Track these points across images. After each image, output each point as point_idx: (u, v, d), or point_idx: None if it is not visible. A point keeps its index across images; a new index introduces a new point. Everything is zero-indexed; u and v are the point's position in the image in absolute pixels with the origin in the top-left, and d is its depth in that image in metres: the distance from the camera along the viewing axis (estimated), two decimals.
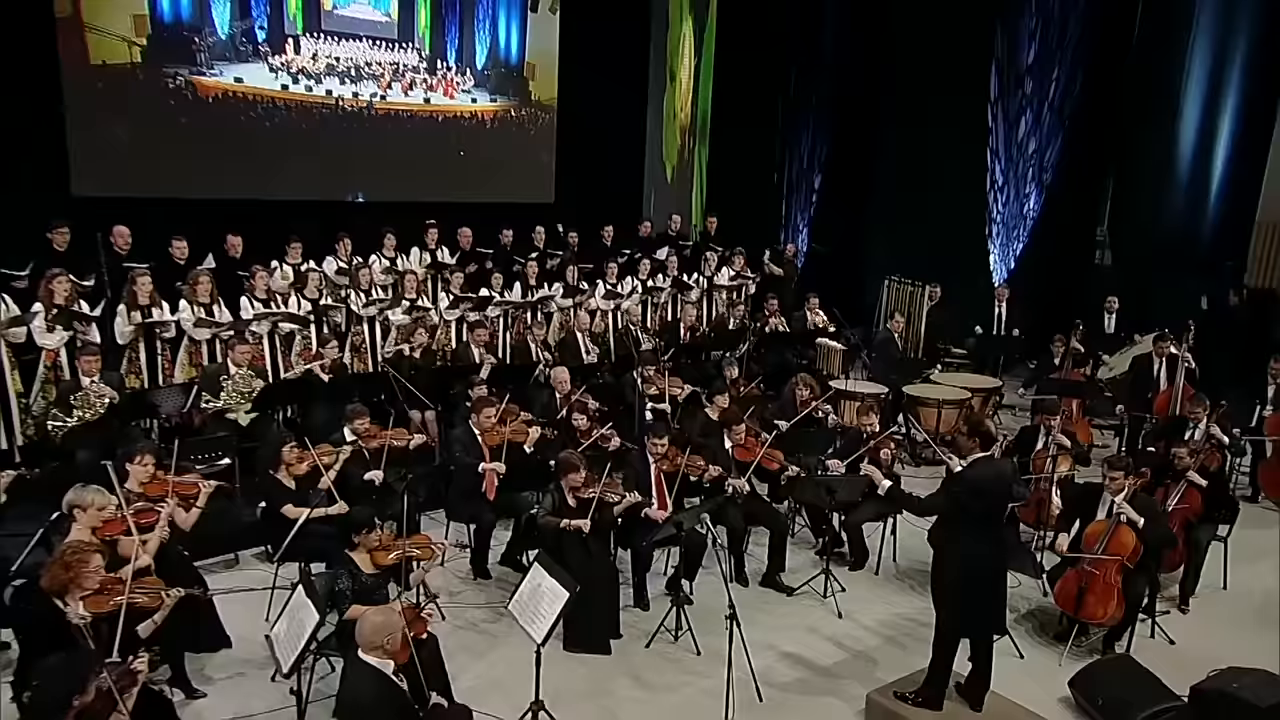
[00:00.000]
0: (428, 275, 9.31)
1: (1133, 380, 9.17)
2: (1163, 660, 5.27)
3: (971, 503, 4.42)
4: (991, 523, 4.55)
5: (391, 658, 3.89)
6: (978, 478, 4.44)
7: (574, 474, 5.51)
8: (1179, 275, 11.44)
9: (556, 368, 7.85)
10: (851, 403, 8.72)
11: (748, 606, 5.93)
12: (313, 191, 10.25)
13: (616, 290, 9.94)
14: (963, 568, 4.54)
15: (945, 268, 12.08)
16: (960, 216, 12.94)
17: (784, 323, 10.34)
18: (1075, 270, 12.90)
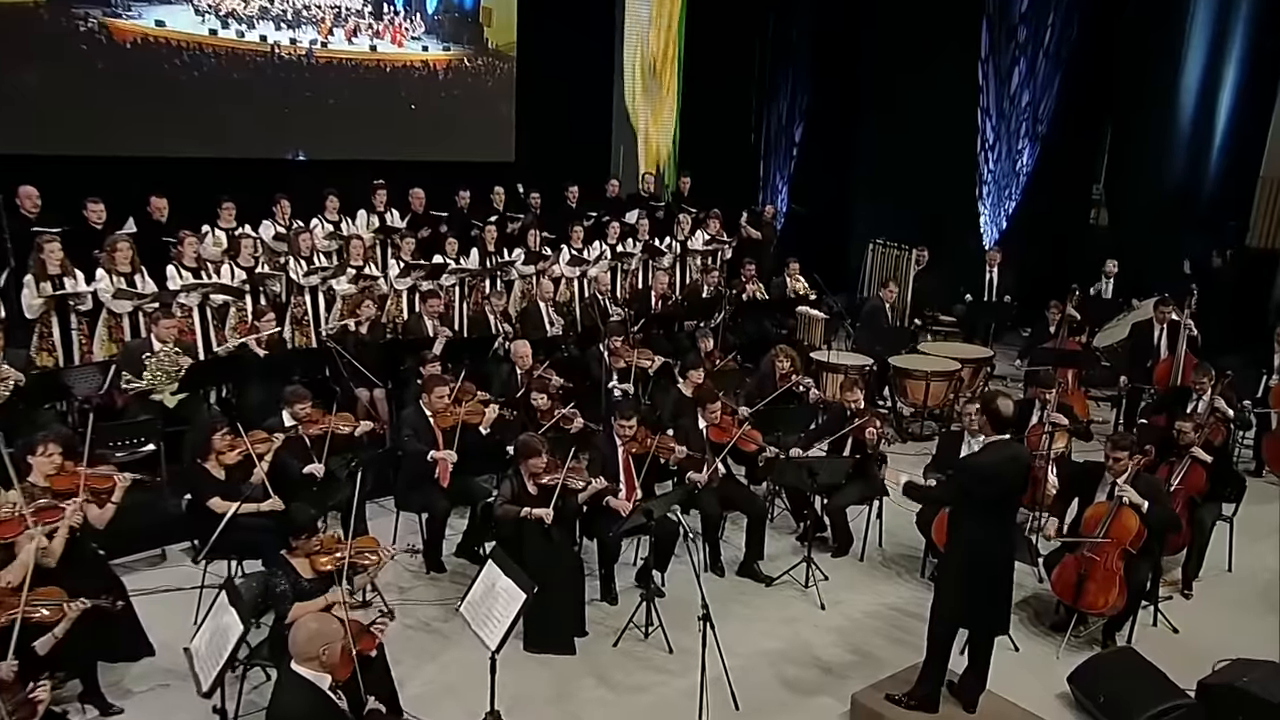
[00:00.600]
0: (375, 241, 8.99)
1: (1132, 348, 9.08)
2: (1166, 651, 5.19)
3: (979, 488, 4.26)
4: (1001, 511, 4.40)
5: (329, 671, 3.66)
6: (987, 463, 4.28)
7: (535, 459, 5.28)
8: (1179, 235, 11.35)
9: (517, 341, 7.60)
10: (834, 375, 8.56)
11: (723, 599, 5.81)
12: (247, 149, 9.83)
13: (582, 256, 9.67)
14: (966, 555, 4.40)
15: (933, 230, 11.94)
16: (949, 174, 12.78)
17: (762, 290, 10.14)
18: (1070, 231, 12.81)
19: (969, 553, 4.39)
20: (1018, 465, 4.37)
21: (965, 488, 4.32)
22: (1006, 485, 4.34)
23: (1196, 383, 7.26)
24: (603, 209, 10.61)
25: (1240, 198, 11.85)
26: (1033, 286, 10.87)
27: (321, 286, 8.05)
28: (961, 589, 4.43)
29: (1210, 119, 11.80)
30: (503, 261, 9.20)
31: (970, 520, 4.39)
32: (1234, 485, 6.22)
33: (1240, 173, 11.77)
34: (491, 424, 6.30)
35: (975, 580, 4.40)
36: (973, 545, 4.38)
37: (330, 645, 3.60)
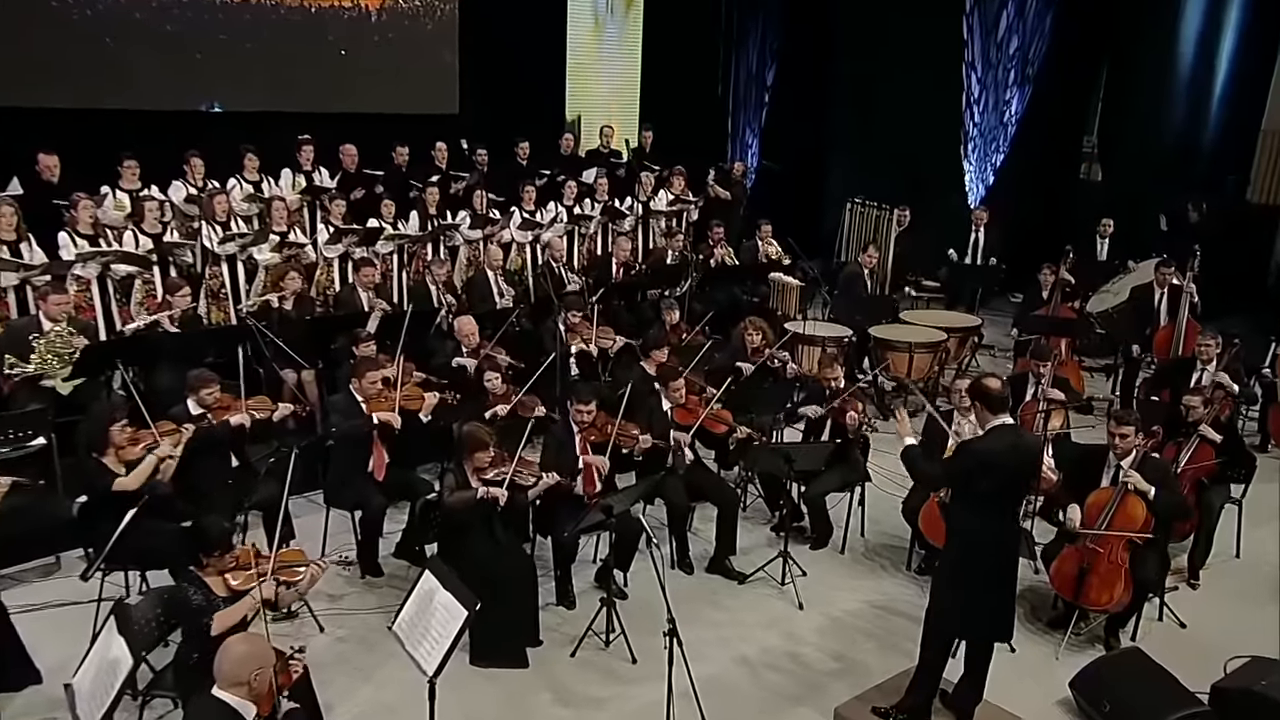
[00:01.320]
0: (301, 203, 8.58)
1: (1133, 313, 8.95)
2: (1174, 649, 5.07)
3: (978, 478, 4.05)
4: (1003, 504, 4.20)
5: (255, 701, 3.38)
6: (988, 450, 4.07)
7: (480, 453, 4.98)
8: (1176, 191, 11.24)
9: (462, 316, 7.27)
10: (810, 348, 8.35)
11: (692, 599, 5.60)
12: (153, 99, 9.34)
13: (535, 219, 9.32)
14: (965, 554, 4.21)
15: (914, 187, 11.75)
16: (931, 127, 12.56)
17: (731, 255, 9.87)
18: (1060, 187, 12.68)
19: (968, 551, 4.19)
20: (1023, 454, 4.16)
21: (965, 476, 4.10)
22: (1011, 476, 4.13)
23: (1201, 347, 7.12)
24: (556, 167, 10.24)
25: (1241, 151, 11.80)
26: (1021, 247, 10.72)
27: (240, 256, 7.65)
28: (959, 592, 4.24)
29: (1210, 67, 11.68)
30: (445, 225, 8.82)
31: (969, 514, 4.19)
32: (1244, 465, 6.09)
33: (1241, 125, 11.70)
34: (433, 410, 5.98)
35: (974, 582, 4.20)
36: (972, 543, 4.18)
37: (263, 670, 3.39)
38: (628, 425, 5.74)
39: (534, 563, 5.38)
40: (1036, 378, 6.84)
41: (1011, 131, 12.70)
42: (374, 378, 5.86)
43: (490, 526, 5.10)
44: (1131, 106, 12.21)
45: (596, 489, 5.60)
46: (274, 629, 4.38)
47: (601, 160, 10.63)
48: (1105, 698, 4.54)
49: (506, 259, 8.99)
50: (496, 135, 10.24)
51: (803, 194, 12.77)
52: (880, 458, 6.26)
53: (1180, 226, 10.66)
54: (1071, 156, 12.95)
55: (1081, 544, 5.21)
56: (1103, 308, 9.74)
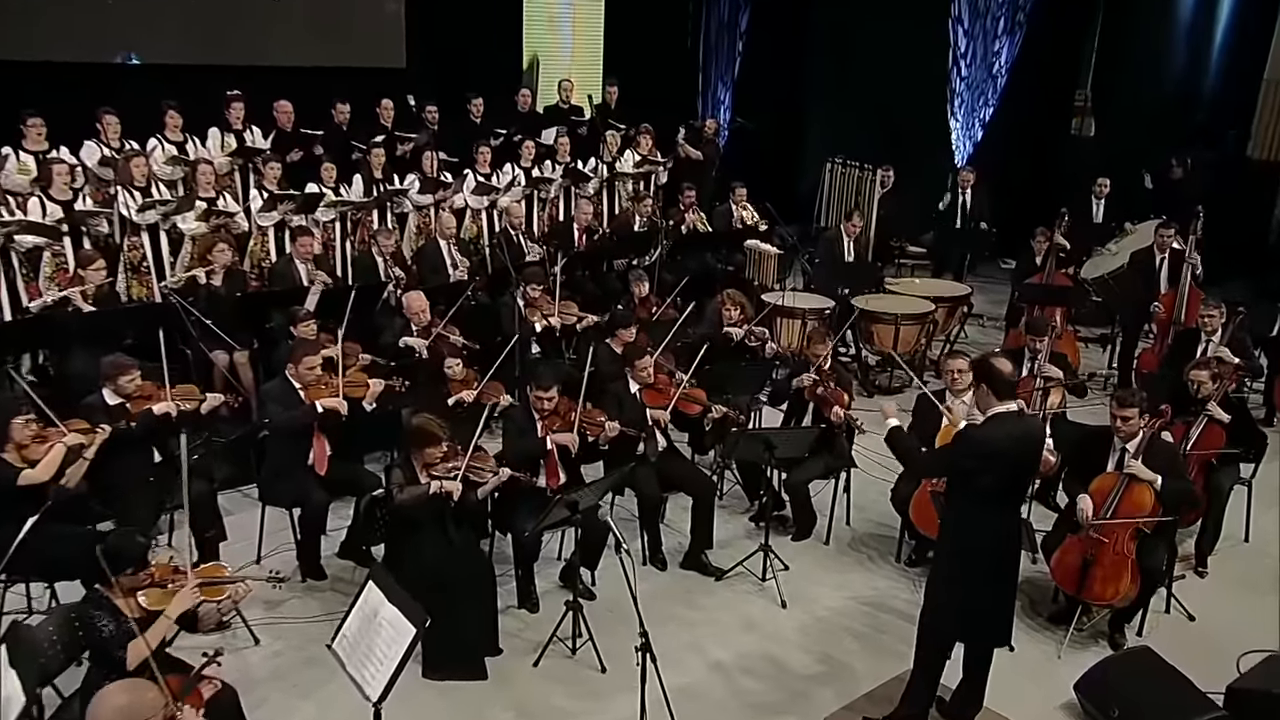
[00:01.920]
0: (232, 166, 8.24)
1: (1134, 279, 8.83)
2: (1183, 645, 4.98)
3: (978, 471, 3.87)
4: (1005, 498, 4.05)
5: None
6: (989, 439, 3.89)
7: (431, 447, 4.73)
8: (1174, 147, 11.13)
9: (411, 291, 6.98)
10: (790, 321, 8.16)
11: (666, 598, 5.44)
12: (60, 50, 8.89)
13: (490, 183, 9.02)
14: (963, 552, 4.06)
15: (897, 145, 11.57)
16: (915, 81, 12.39)
17: (704, 220, 9.64)
18: (1050, 143, 12.54)
19: (965, 548, 4.04)
20: (1027, 444, 3.99)
21: (961, 466, 3.92)
22: (1013, 468, 3.97)
23: (1205, 317, 7.01)
24: (513, 126, 9.94)
25: (1242, 103, 11.72)
26: (1010, 209, 10.59)
27: (163, 225, 7.35)
28: (956, 595, 4.09)
29: (1211, 13, 11.60)
30: (392, 190, 8.52)
31: (968, 509, 4.03)
32: (1254, 444, 5.99)
33: (1242, 74, 11.61)
34: (378, 397, 5.73)
35: (972, 581, 4.05)
36: (969, 539, 4.02)
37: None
38: (593, 412, 5.52)
39: (491, 563, 5.17)
40: (1033, 353, 6.70)
41: (1001, 84, 12.54)
42: (312, 362, 5.60)
43: (443, 525, 4.86)
44: (1127, 56, 12.09)
45: (560, 480, 5.39)
46: (201, 641, 4.16)
47: (562, 118, 10.33)
48: (1113, 702, 4.41)
49: (460, 227, 8.73)
50: (447, 91, 9.91)
51: (779, 153, 12.54)
52: (866, 439, 6.07)
53: (1164, 185, 10.58)
54: (1063, 110, 12.81)
55: (1085, 533, 5.07)
56: (1098, 273, 9.63)
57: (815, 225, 10.79)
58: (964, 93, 12.70)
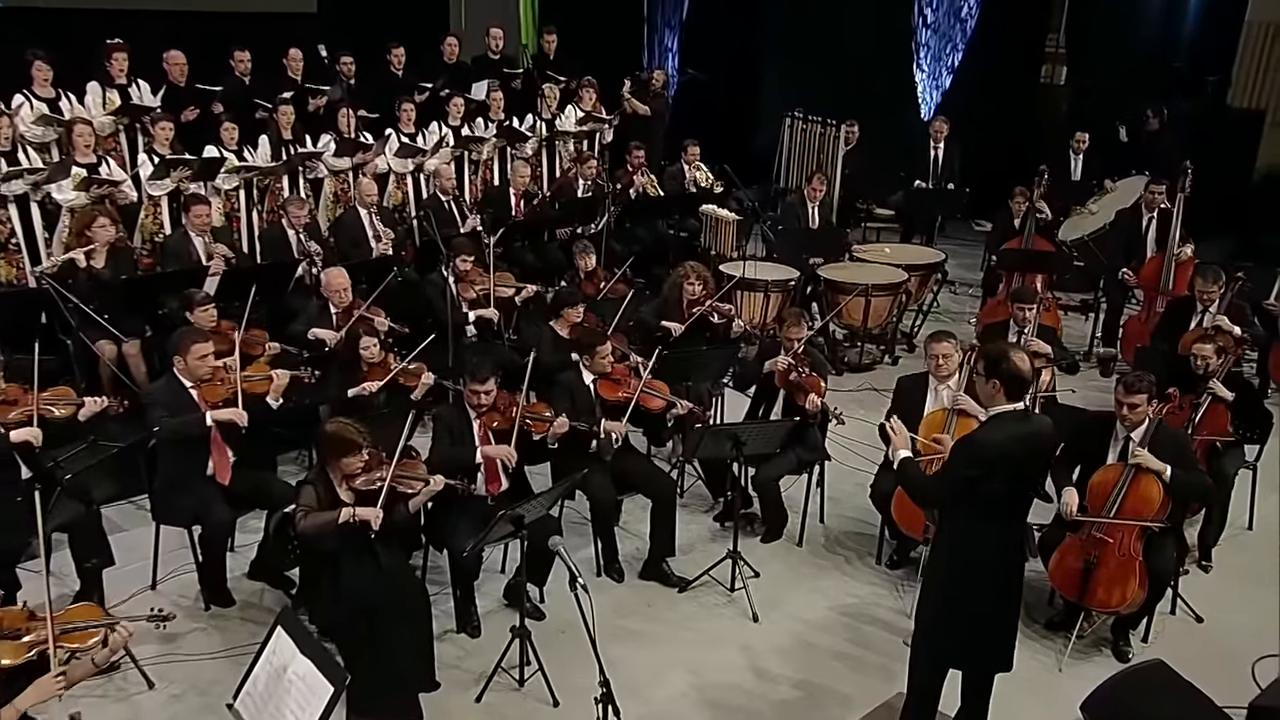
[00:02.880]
0: (115, 126, 7.63)
1: (1117, 241, 8.64)
2: (1193, 651, 4.80)
3: (980, 479, 3.57)
4: (1011, 508, 3.77)
5: None
6: (992, 444, 3.60)
7: (350, 457, 4.32)
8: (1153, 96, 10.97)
9: (330, 268, 6.51)
10: (751, 294, 7.84)
11: (624, 614, 5.15)
12: None
13: (415, 143, 8.53)
14: (957, 565, 3.78)
15: (860, 98, 11.26)
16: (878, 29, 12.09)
17: (654, 182, 9.25)
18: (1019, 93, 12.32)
19: (963, 564, 3.75)
20: (1035, 446, 3.70)
21: (965, 476, 3.61)
22: (1019, 473, 3.68)
23: (1203, 294, 6.81)
24: (440, 79, 9.41)
25: (1222, 48, 11.58)
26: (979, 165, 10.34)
27: (34, 196, 6.78)
28: (954, 617, 3.81)
29: None
30: (304, 154, 7.99)
31: (968, 520, 3.73)
32: (1261, 424, 5.79)
33: (1223, 17, 11.47)
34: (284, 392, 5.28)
35: (971, 602, 3.77)
36: (969, 554, 3.74)
37: None
38: (538, 405, 5.14)
39: (424, 585, 4.78)
40: (1020, 324, 6.45)
41: (970, 29, 12.28)
42: (203, 352, 5.08)
43: (367, 544, 4.46)
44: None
45: (502, 486, 5.01)
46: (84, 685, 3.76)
47: (494, 70, 9.81)
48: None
49: (382, 194, 8.24)
50: (363, 39, 9.34)
51: (732, 107, 12.13)
52: (839, 425, 5.76)
53: (1141, 137, 10.42)
54: (1033, 57, 12.60)
55: (1086, 533, 4.83)
56: (1077, 234, 9.43)
57: (774, 186, 10.45)
58: (930, 40, 12.42)
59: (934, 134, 10.19)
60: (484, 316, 6.91)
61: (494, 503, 4.92)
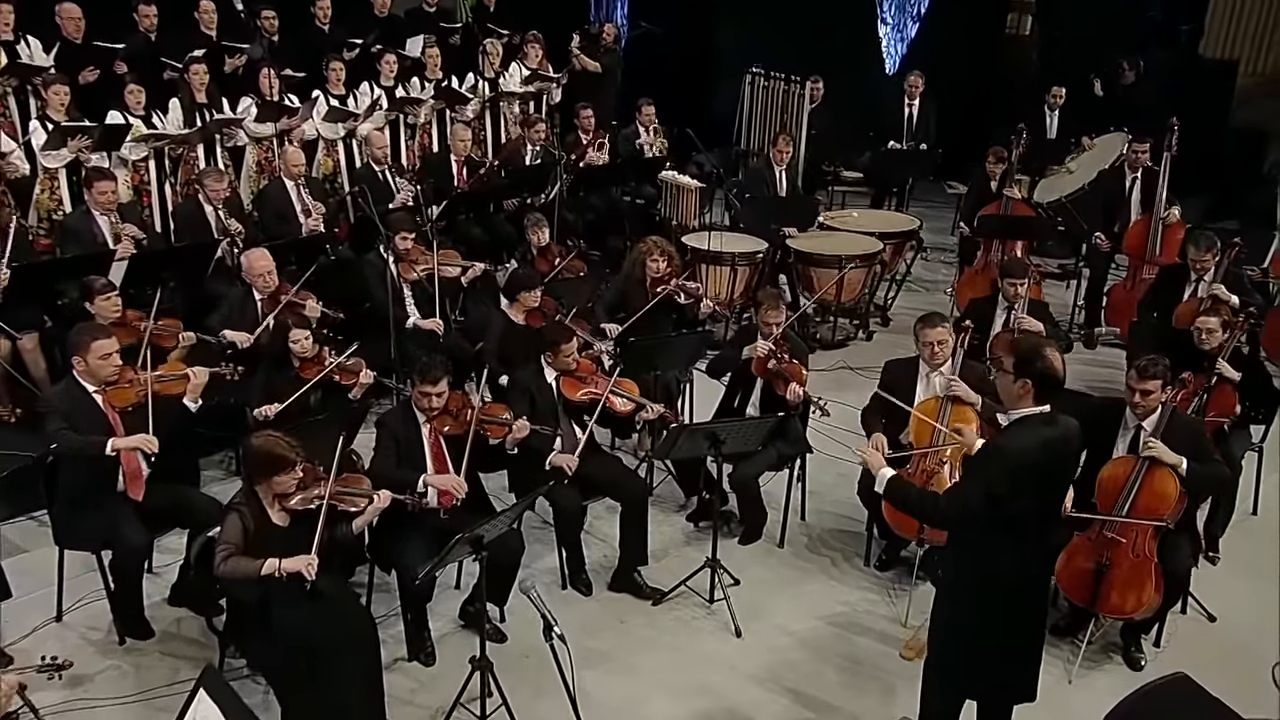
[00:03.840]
0: (3, 89, 7.01)
1: (1097, 203, 8.40)
2: (1209, 655, 4.61)
3: (1014, 495, 3.26)
4: (1039, 523, 3.47)
5: None
6: (1021, 452, 3.29)
7: (282, 475, 3.89)
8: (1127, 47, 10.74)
9: (253, 249, 6.00)
10: (718, 268, 7.48)
11: (594, 631, 4.83)
12: None
13: (345, 106, 8.00)
14: (975, 590, 3.48)
15: (822, 52, 10.87)
16: None
17: (606, 145, 8.79)
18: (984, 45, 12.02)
19: (986, 586, 3.44)
20: (1064, 451, 3.40)
21: (998, 495, 3.29)
22: (1050, 483, 3.38)
23: (1196, 260, 6.57)
24: (370, 34, 8.86)
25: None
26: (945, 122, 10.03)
27: None
28: (972, 644, 3.51)
29: None
30: (222, 119, 7.45)
31: (986, 536, 3.42)
32: (1269, 403, 5.57)
33: None
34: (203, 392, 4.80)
35: (993, 630, 3.47)
36: (992, 574, 3.42)
37: None
38: (495, 407, 4.74)
39: (369, 613, 4.38)
40: (1009, 300, 6.18)
41: None
42: (105, 350, 4.58)
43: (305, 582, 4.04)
44: None
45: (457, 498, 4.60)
46: None
47: (430, 25, 9.28)
48: None
49: (311, 163, 7.72)
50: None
51: (687, 64, 11.67)
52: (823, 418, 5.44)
53: (1116, 91, 10.20)
54: (999, 5, 12.30)
55: (1096, 532, 4.57)
56: (1054, 196, 9.19)
57: (735, 149, 10.05)
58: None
59: (909, 89, 9.86)
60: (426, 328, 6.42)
61: (447, 516, 4.54)
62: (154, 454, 4.49)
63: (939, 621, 3.68)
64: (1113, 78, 10.32)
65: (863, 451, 3.90)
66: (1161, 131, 8.22)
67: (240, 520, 3.87)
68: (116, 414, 4.59)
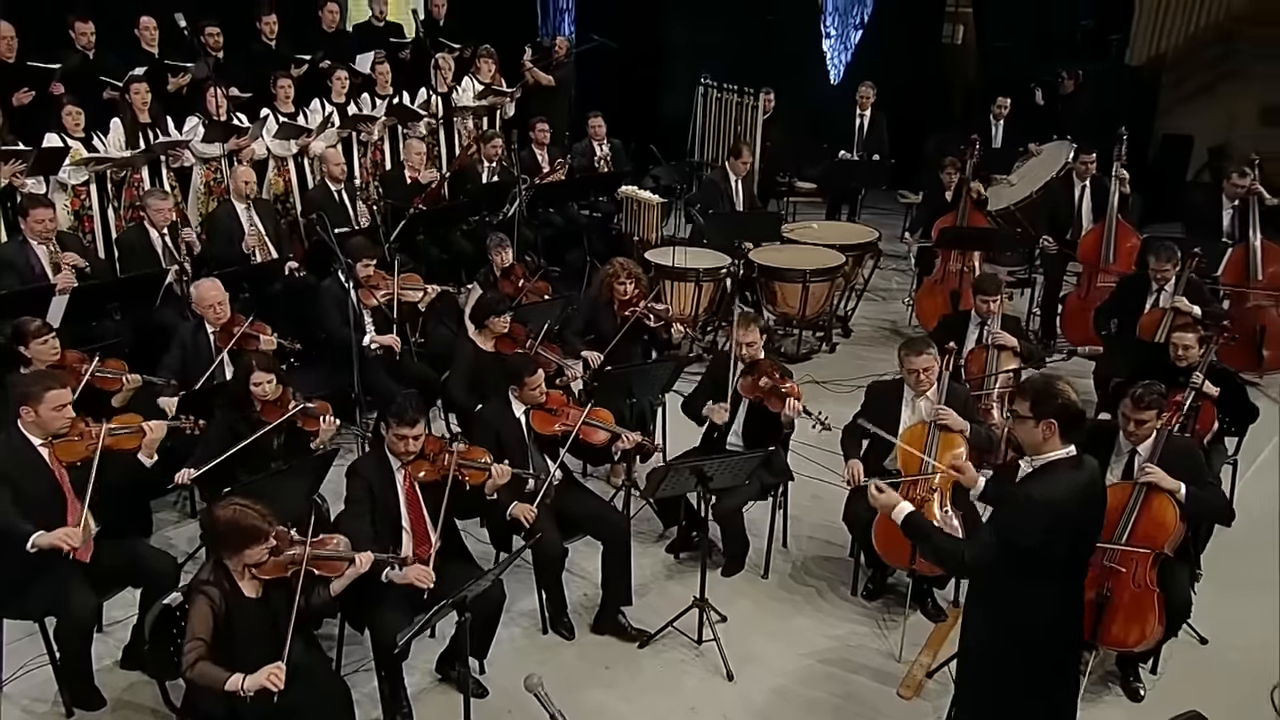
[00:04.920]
0: None
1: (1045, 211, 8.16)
2: (1205, 681, 4.37)
3: (1046, 546, 2.92)
4: (1069, 571, 3.16)
5: None
6: (1052, 500, 2.98)
7: (253, 548, 3.40)
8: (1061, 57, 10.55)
9: (202, 281, 5.45)
10: (682, 284, 7.08)
11: (578, 678, 4.44)
12: None
13: (296, 122, 7.45)
14: (996, 643, 3.17)
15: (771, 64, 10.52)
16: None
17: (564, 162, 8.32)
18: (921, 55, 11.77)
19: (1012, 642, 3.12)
20: (1094, 495, 3.08)
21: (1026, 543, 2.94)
22: (1083, 530, 3.05)
23: (1157, 270, 6.33)
24: (319, 49, 8.28)
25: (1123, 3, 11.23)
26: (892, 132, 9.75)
27: None
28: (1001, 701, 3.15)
29: None
30: (167, 141, 6.86)
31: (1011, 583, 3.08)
32: (1244, 415, 5.32)
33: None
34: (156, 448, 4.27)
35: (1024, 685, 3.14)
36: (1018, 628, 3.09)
37: None
38: (474, 451, 4.28)
39: (343, 682, 3.91)
40: (982, 316, 5.87)
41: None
42: (60, 401, 4.07)
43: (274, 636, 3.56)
44: None
45: (432, 547, 4.14)
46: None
47: (379, 39, 8.72)
48: None
49: (262, 183, 7.16)
50: (228, 7, 8.09)
51: (636, 75, 11.23)
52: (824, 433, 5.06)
53: (1056, 100, 10.01)
54: (936, 15, 12.05)
55: (1096, 562, 4.24)
56: (1002, 204, 8.92)
57: (689, 160, 9.65)
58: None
59: (860, 100, 9.53)
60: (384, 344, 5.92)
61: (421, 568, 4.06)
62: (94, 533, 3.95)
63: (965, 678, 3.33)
64: (1053, 87, 10.11)
65: (876, 494, 3.49)
66: (1101, 138, 8.08)
67: (209, 605, 3.36)
68: (64, 469, 4.06)
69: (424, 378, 5.90)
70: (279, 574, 3.53)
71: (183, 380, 5.10)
